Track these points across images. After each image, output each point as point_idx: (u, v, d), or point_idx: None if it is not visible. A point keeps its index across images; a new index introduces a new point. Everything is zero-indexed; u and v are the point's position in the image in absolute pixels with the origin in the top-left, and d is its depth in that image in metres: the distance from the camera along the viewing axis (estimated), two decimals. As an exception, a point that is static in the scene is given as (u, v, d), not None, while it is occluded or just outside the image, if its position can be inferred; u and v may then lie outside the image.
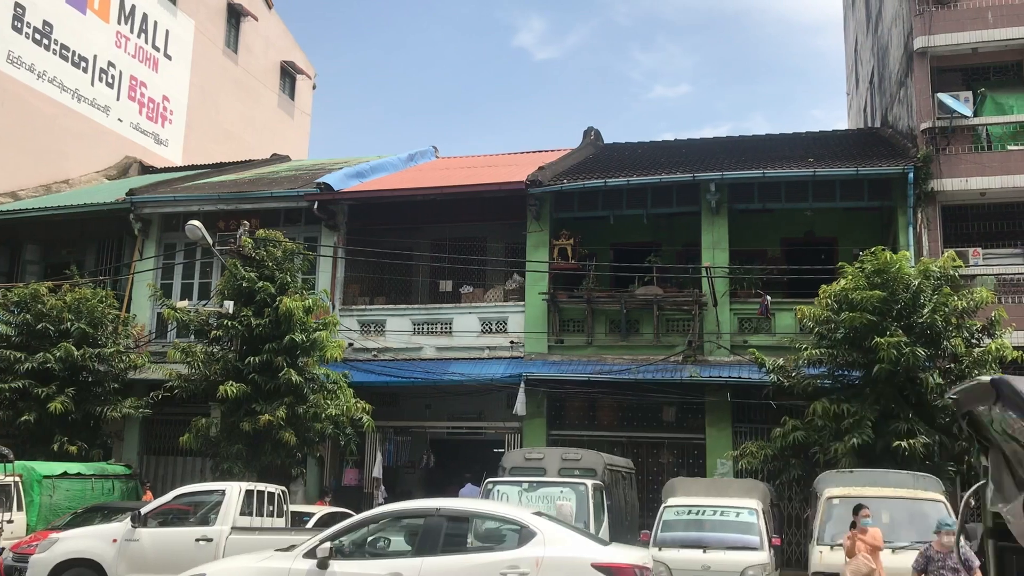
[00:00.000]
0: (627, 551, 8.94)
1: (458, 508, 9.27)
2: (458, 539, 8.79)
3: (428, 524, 8.76)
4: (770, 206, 19.36)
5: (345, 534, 8.91)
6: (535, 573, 8.17)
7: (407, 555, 8.69)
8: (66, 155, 27.89)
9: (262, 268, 17.37)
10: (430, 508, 9.09)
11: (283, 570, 8.53)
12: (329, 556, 8.44)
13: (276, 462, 16.71)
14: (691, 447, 18.80)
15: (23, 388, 18.16)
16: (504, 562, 8.30)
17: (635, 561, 8.52)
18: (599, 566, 8.19)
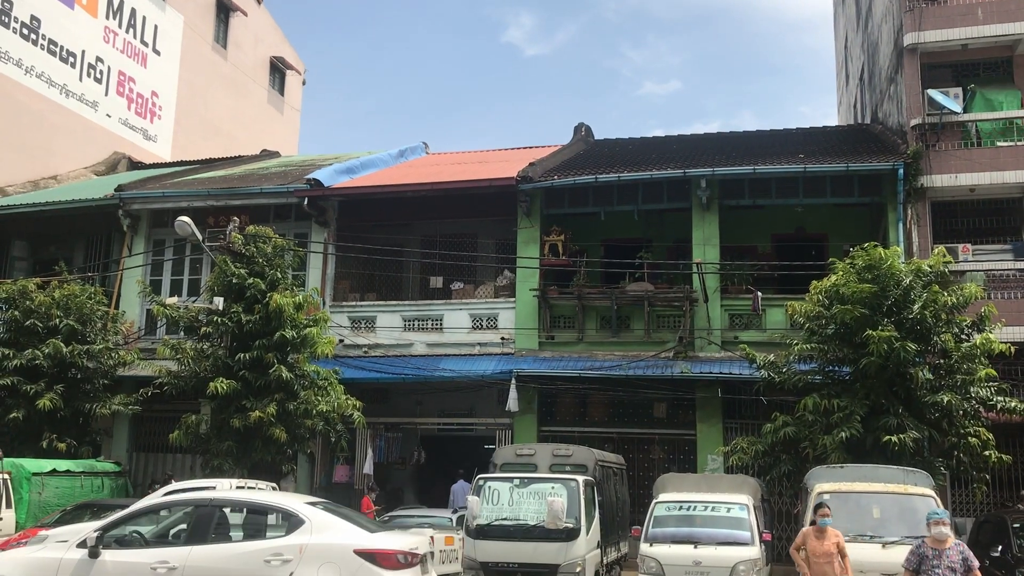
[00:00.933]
0: (397, 537, 9.21)
1: (230, 498, 9.67)
2: (228, 528, 9.14)
3: (201, 514, 9.11)
4: (760, 202, 19.37)
5: (119, 524, 9.21)
6: (298, 560, 8.51)
7: (177, 544, 8.98)
8: (54, 151, 27.72)
9: (252, 264, 17.29)
10: (204, 499, 9.48)
11: (55, 560, 8.79)
12: (99, 545, 8.71)
13: (267, 459, 16.65)
14: (682, 443, 18.83)
15: (11, 385, 18.04)
16: (268, 549, 8.63)
17: (400, 547, 8.82)
18: (360, 551, 8.56)
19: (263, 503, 9.33)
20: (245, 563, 8.55)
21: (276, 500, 9.41)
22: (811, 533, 10.22)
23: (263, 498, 9.64)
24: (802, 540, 10.28)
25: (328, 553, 8.54)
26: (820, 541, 10.08)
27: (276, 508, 9.13)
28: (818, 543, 10.07)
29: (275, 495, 10.26)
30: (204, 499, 9.41)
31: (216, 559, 8.64)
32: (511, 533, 12.99)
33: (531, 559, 12.77)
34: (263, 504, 9.29)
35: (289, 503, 9.24)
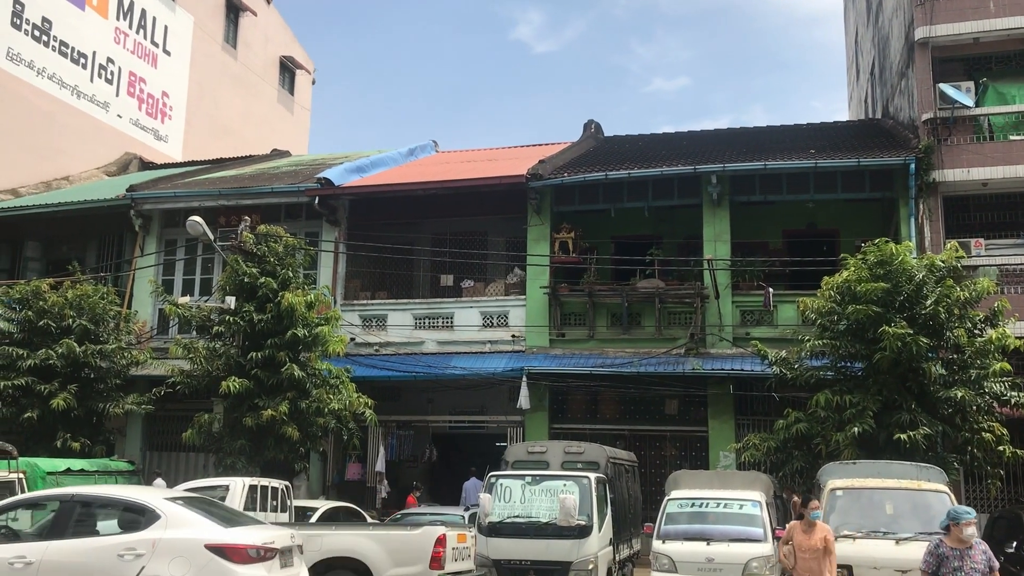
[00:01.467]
0: (253, 532, 9.24)
1: (91, 494, 9.72)
2: (88, 524, 9.25)
3: (61, 509, 9.24)
4: (771, 198, 19.32)
5: None
6: (151, 554, 8.69)
7: (38, 539, 9.11)
8: (66, 152, 27.85)
9: (263, 263, 17.34)
10: (64, 494, 9.60)
11: None
12: None
13: (279, 457, 16.70)
14: (694, 440, 18.80)
15: (26, 385, 18.13)
16: (122, 544, 8.78)
17: (252, 541, 8.92)
18: (211, 546, 8.73)
19: (122, 498, 9.48)
20: (99, 558, 8.71)
21: (134, 495, 9.51)
22: (799, 527, 9.81)
23: (122, 493, 9.83)
24: (789, 533, 9.86)
25: (179, 548, 8.72)
26: (807, 535, 9.64)
27: (134, 503, 9.23)
28: (805, 537, 9.64)
29: (137, 490, 10.38)
30: (66, 494, 9.58)
31: (71, 554, 8.80)
32: (523, 531, 13.00)
33: (543, 556, 12.78)
34: (122, 499, 9.45)
35: (146, 498, 9.35)
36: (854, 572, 10.66)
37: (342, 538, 11.84)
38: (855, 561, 10.70)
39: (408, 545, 11.47)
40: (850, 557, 10.67)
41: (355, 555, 11.49)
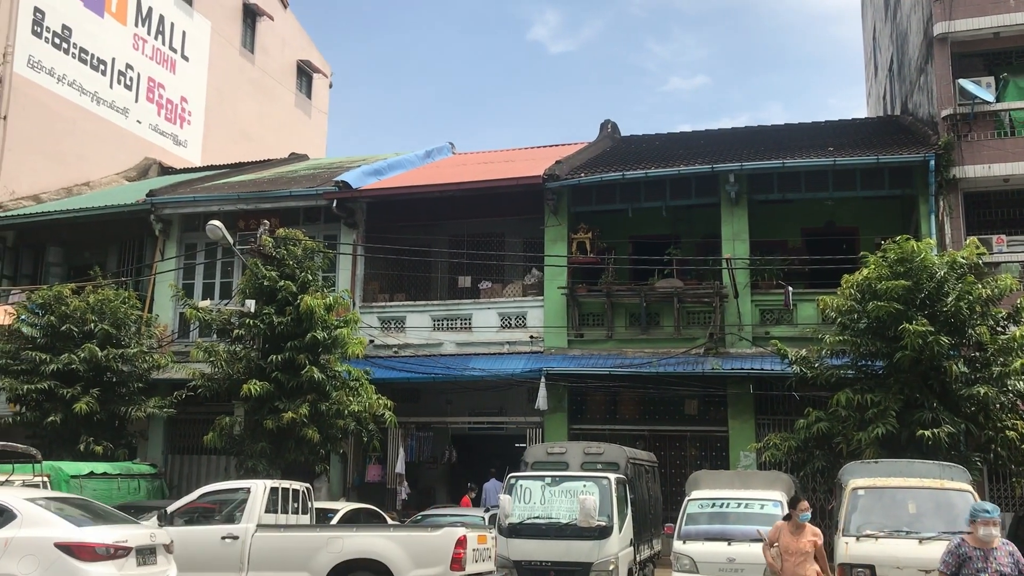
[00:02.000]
0: (107, 531, 9.56)
1: None
2: None
3: None
4: (790, 196, 19.24)
5: None
6: (3, 552, 9.20)
7: None
8: (86, 158, 28.11)
9: (283, 267, 17.43)
10: None
11: None
12: None
13: (300, 459, 16.78)
14: (714, 440, 18.73)
15: (49, 389, 18.33)
16: None
17: (102, 540, 9.33)
18: (60, 544, 9.19)
19: None
20: None
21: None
22: (786, 528, 9.46)
23: None
24: (776, 534, 9.51)
25: (30, 546, 9.18)
26: (795, 537, 9.31)
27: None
28: (793, 539, 9.31)
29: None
30: None
31: None
32: (543, 531, 13.01)
33: (564, 557, 12.79)
34: None
35: (5, 498, 9.66)
36: (876, 572, 10.58)
37: (363, 539, 11.88)
38: (877, 561, 10.62)
39: (429, 546, 11.50)
40: (872, 556, 10.59)
41: (376, 556, 11.52)
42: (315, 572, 11.58)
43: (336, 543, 11.75)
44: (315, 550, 11.72)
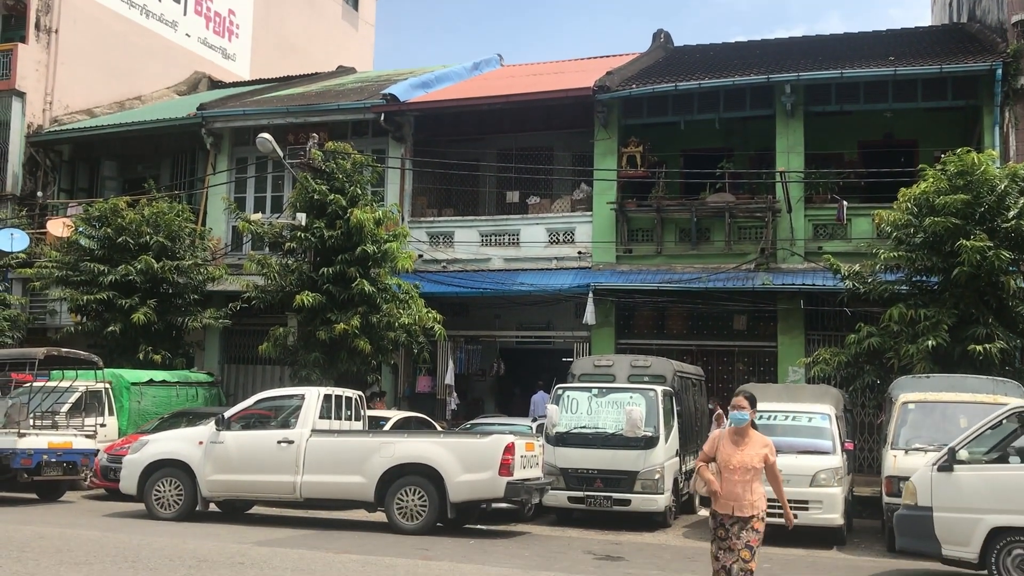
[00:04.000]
0: None
1: None
2: None
3: None
4: (848, 108, 18.70)
5: None
6: None
7: None
8: (137, 72, 28.23)
9: (332, 180, 17.52)
10: None
11: None
12: None
13: (352, 370, 17.12)
14: (762, 355, 18.69)
15: (108, 300, 18.86)
16: None
17: None
18: None
19: None
20: None
21: None
22: (726, 438, 7.07)
23: None
24: (712, 447, 7.12)
25: None
26: (737, 449, 6.94)
27: None
28: (733, 451, 6.94)
29: None
30: None
31: None
32: (590, 441, 13.21)
33: (610, 466, 12.99)
34: None
35: None
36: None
37: (414, 445, 12.17)
38: (925, 474, 10.58)
39: (478, 452, 11.75)
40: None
41: (427, 461, 11.82)
42: (368, 475, 11.93)
43: (388, 448, 12.06)
44: (368, 454, 12.05)
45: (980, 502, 8.95)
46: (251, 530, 11.95)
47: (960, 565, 9.30)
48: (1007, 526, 8.77)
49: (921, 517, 9.19)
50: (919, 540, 9.29)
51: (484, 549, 10.89)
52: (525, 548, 11.19)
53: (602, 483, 13.06)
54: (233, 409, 13.51)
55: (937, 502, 9.13)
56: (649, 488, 12.89)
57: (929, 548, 9.26)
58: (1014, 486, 8.95)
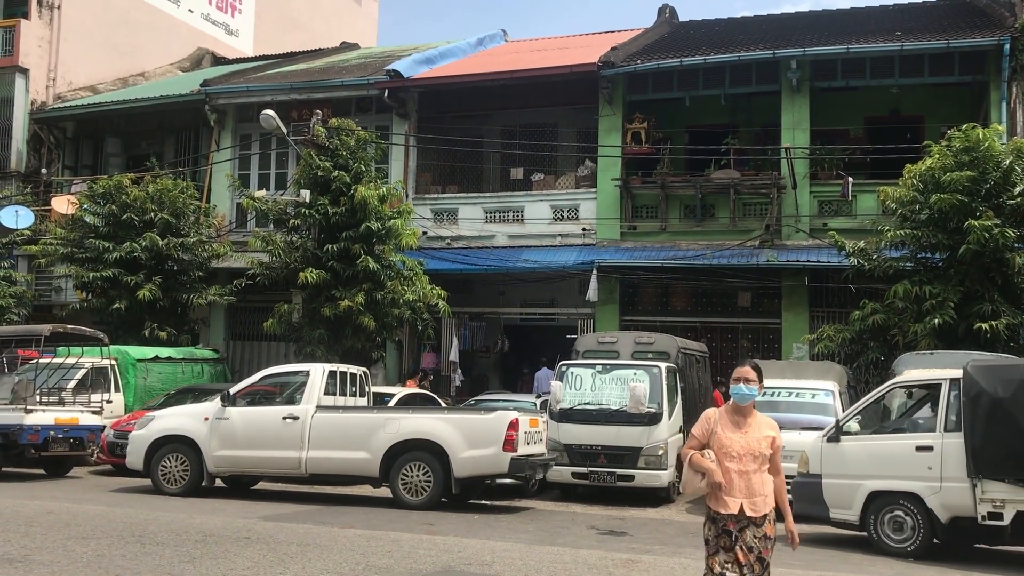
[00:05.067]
0: None
1: None
2: None
3: None
4: (854, 83, 18.62)
5: None
6: None
7: None
8: (141, 48, 28.12)
9: (336, 157, 17.50)
10: None
11: None
12: None
13: (356, 346, 17.17)
14: (766, 332, 18.69)
15: (113, 277, 18.90)
16: None
17: None
18: None
19: None
20: None
21: None
22: (724, 417, 5.48)
23: None
24: (704, 431, 5.47)
25: None
26: (739, 431, 5.39)
27: None
28: (734, 434, 5.38)
29: None
30: None
31: None
32: (594, 417, 13.27)
33: (614, 442, 13.06)
34: None
35: None
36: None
37: (419, 421, 12.24)
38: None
39: (482, 428, 11.81)
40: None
41: (431, 437, 11.88)
42: (373, 451, 12.01)
43: (393, 424, 12.13)
44: (373, 430, 12.12)
45: (860, 469, 9.94)
46: (257, 505, 12.05)
47: (845, 527, 10.19)
48: (883, 490, 9.74)
49: (812, 484, 10.17)
50: (810, 505, 10.11)
51: (488, 524, 10.97)
52: (529, 523, 11.27)
53: (606, 459, 13.13)
54: (238, 385, 13.59)
55: (825, 470, 10.13)
56: (653, 464, 12.97)
57: (819, 512, 10.16)
58: (888, 453, 9.92)
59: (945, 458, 9.50)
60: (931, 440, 9.72)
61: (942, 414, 9.75)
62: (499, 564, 8.32)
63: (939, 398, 9.86)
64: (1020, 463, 9.17)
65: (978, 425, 9.32)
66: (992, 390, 9.32)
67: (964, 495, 9.36)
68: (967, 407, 9.45)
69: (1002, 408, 9.24)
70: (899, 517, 9.67)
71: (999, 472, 9.23)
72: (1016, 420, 9.16)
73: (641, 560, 8.92)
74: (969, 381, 9.50)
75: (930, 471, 9.55)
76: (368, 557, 8.44)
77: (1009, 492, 9.19)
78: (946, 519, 9.50)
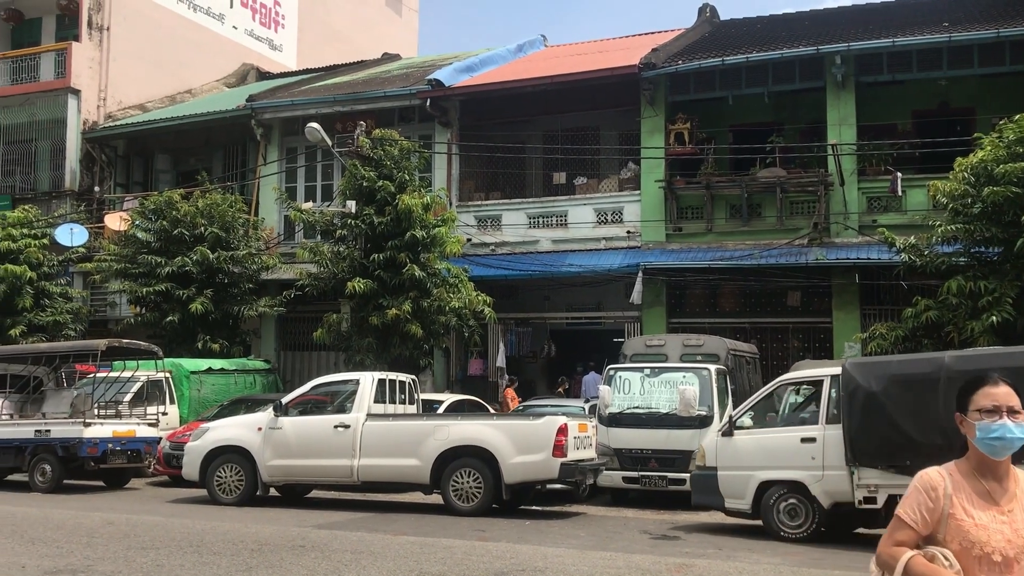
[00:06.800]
0: None
1: None
2: None
3: None
4: (900, 77, 18.28)
5: None
6: None
7: None
8: (187, 65, 28.66)
9: (380, 167, 17.67)
10: None
11: None
12: None
13: (404, 354, 17.30)
14: (817, 331, 18.43)
15: (165, 291, 19.28)
16: None
17: None
18: None
19: None
20: None
21: None
22: (962, 483, 2.97)
23: None
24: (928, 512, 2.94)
25: None
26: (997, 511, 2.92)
27: None
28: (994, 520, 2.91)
29: None
30: None
31: None
32: (643, 421, 13.21)
33: (664, 445, 12.98)
34: None
35: None
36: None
37: (469, 427, 12.29)
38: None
39: (531, 434, 11.81)
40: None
41: (481, 443, 11.92)
42: (423, 458, 12.08)
43: (443, 431, 12.19)
44: (423, 437, 12.20)
45: (751, 461, 10.67)
46: (310, 514, 12.18)
47: (739, 515, 10.94)
48: (771, 479, 10.48)
49: (709, 476, 10.94)
50: (708, 495, 11.02)
51: (540, 530, 10.96)
52: (581, 528, 11.24)
53: (656, 463, 13.06)
54: (290, 395, 13.75)
55: (721, 463, 10.85)
56: (704, 467, 12.84)
57: (715, 502, 11.01)
58: (776, 446, 10.66)
59: (826, 448, 10.23)
60: (814, 432, 10.44)
61: (824, 408, 10.49)
62: (552, 570, 8.31)
63: (821, 393, 10.59)
64: (891, 451, 9.82)
65: (854, 417, 9.97)
66: (867, 384, 9.89)
67: (843, 482, 10.09)
68: (845, 401, 10.07)
69: (875, 401, 9.83)
70: (794, 505, 10.37)
71: (873, 460, 9.93)
72: (887, 412, 9.74)
73: (695, 565, 8.85)
74: (847, 377, 10.09)
75: (813, 461, 10.30)
76: (421, 564, 8.49)
77: (882, 478, 9.87)
78: (828, 505, 10.21)
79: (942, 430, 9.14)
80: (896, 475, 9.68)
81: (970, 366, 9.41)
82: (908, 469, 9.40)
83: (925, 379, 9.66)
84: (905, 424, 9.64)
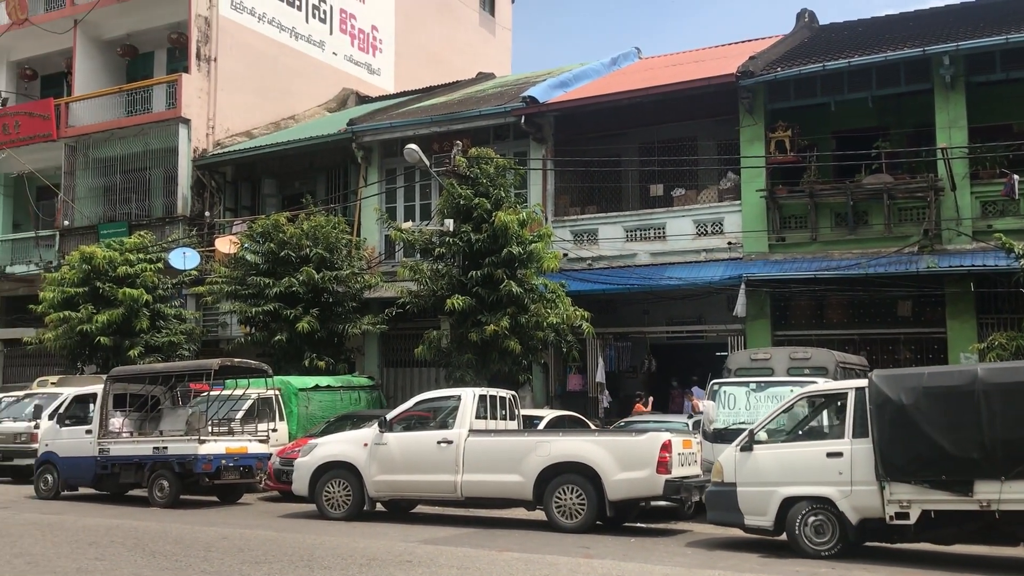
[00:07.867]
0: None
1: None
2: None
3: None
4: (1015, 75, 17.50)
5: None
6: None
7: None
8: (290, 92, 29.61)
9: (477, 185, 17.86)
10: None
11: None
12: None
13: (504, 369, 17.39)
14: (930, 342, 17.72)
15: (274, 311, 19.88)
16: None
17: None
18: None
19: None
20: None
21: None
22: None
23: None
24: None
25: None
26: None
27: None
28: None
29: None
30: None
31: None
32: (750, 436, 12.86)
33: (771, 462, 12.61)
34: None
35: None
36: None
37: (570, 444, 12.23)
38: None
39: (635, 451, 11.69)
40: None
41: (584, 460, 11.85)
42: (526, 474, 12.08)
43: (544, 447, 12.17)
44: (525, 453, 12.20)
45: (773, 476, 10.39)
46: (416, 529, 12.32)
47: (760, 532, 10.60)
48: (796, 495, 10.19)
49: (727, 492, 10.64)
50: (726, 512, 10.72)
51: (645, 547, 10.83)
52: (687, 546, 11.05)
53: (765, 479, 12.70)
54: (394, 411, 13.94)
55: (740, 478, 10.56)
56: (813, 484, 12.46)
57: (734, 519, 10.70)
58: (798, 461, 10.37)
59: (854, 463, 9.99)
60: (840, 446, 10.18)
61: (849, 421, 10.22)
62: (659, 588, 8.19)
63: (847, 406, 10.30)
64: (924, 465, 9.59)
65: (884, 431, 9.78)
66: (897, 397, 9.74)
67: (872, 497, 9.84)
68: (874, 414, 9.87)
69: (906, 414, 9.66)
70: (820, 521, 10.07)
71: (905, 474, 9.68)
72: (918, 425, 9.58)
73: (808, 585, 8.59)
74: (875, 390, 9.93)
75: (840, 476, 10.04)
76: (527, 581, 8.47)
77: (914, 493, 9.64)
78: (856, 521, 9.96)
79: (980, 444, 9.20)
80: (930, 490, 9.54)
81: (1004, 379, 9.41)
82: (944, 484, 9.48)
83: (960, 392, 9.50)
84: (940, 438, 9.47)
